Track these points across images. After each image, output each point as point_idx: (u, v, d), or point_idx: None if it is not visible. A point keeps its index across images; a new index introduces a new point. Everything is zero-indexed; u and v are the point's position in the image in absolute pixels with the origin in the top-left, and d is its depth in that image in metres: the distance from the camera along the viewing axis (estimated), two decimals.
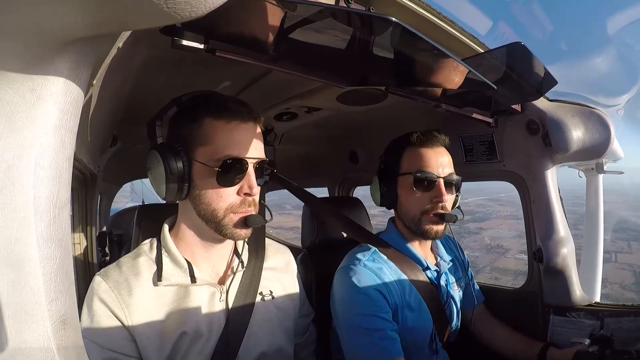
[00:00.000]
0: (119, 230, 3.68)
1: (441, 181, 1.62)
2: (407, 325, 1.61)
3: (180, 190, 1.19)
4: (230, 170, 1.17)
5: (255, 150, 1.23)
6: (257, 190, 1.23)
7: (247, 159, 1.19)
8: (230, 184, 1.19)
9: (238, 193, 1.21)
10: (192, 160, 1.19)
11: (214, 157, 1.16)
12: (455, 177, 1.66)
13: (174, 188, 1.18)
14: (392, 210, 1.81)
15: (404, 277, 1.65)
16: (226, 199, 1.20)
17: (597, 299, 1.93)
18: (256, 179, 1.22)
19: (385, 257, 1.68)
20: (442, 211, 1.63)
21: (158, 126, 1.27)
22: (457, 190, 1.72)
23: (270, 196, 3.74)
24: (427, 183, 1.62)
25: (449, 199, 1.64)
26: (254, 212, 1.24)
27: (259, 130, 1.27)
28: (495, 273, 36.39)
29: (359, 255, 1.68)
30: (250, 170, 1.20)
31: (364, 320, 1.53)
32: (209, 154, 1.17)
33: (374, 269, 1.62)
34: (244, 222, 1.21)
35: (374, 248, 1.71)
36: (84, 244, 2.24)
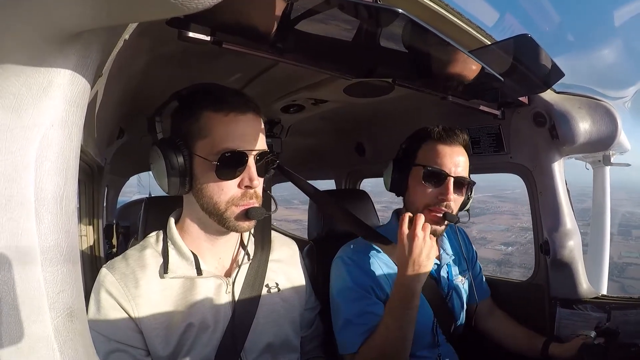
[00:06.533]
0: (126, 223, 3.70)
1: (451, 180, 1.58)
2: None
3: (182, 184, 1.19)
4: (229, 164, 1.17)
5: (255, 142, 1.22)
6: (258, 182, 1.22)
7: (246, 152, 1.18)
8: (231, 177, 1.18)
9: (239, 186, 1.20)
10: (192, 155, 1.18)
11: (213, 151, 1.16)
12: (467, 179, 1.64)
13: (176, 182, 1.18)
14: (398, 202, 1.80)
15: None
16: (227, 192, 1.19)
17: (604, 291, 1.93)
18: (259, 170, 1.22)
19: (379, 250, 1.68)
20: (445, 209, 1.60)
21: (158, 122, 1.27)
22: (468, 192, 1.69)
23: (281, 192, 3.75)
24: (436, 179, 1.59)
25: (455, 199, 1.61)
26: (256, 204, 1.24)
27: (259, 121, 1.26)
28: None
29: (352, 247, 1.70)
30: (251, 162, 1.20)
31: (353, 312, 1.56)
32: (208, 148, 1.17)
33: (363, 261, 1.63)
34: (246, 215, 1.21)
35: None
36: (91, 236, 2.25)
